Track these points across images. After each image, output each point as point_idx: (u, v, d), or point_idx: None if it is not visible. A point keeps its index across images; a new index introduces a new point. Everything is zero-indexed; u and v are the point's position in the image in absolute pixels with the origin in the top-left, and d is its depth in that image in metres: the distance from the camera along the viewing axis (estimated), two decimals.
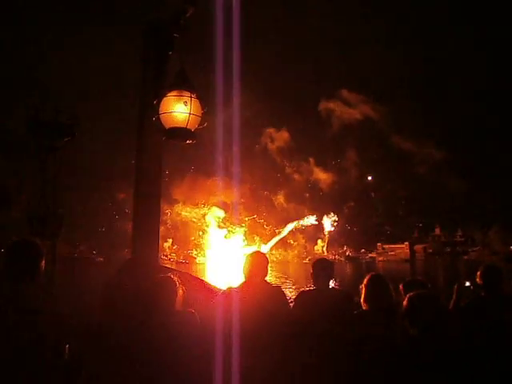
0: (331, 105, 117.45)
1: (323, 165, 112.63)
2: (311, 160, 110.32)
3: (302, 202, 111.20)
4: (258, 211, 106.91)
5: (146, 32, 4.01)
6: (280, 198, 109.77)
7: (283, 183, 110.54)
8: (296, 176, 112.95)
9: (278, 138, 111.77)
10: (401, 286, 3.72)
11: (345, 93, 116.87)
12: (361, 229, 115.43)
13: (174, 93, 3.42)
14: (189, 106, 3.39)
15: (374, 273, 3.50)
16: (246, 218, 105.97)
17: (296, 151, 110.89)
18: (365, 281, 3.38)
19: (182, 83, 3.45)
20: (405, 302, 2.89)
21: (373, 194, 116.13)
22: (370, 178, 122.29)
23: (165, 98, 3.43)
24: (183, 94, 3.41)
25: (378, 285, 3.33)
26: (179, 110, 3.40)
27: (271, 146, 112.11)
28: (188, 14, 3.73)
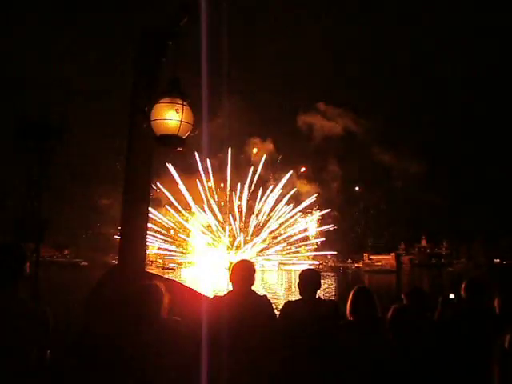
0: (308, 118, 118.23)
1: (306, 177, 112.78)
2: (293, 172, 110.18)
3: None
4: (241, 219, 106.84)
5: (139, 38, 4.02)
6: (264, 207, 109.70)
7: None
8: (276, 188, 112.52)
9: (263, 148, 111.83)
10: (403, 295, 3.76)
11: (322, 106, 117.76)
12: (346, 239, 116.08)
13: (165, 100, 3.43)
14: (180, 114, 3.40)
15: (360, 285, 3.53)
16: (229, 227, 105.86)
17: (280, 162, 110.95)
18: (351, 292, 3.41)
19: (174, 90, 3.46)
20: (389, 314, 2.92)
21: (361, 205, 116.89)
22: (357, 188, 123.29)
23: (156, 105, 3.43)
24: (175, 102, 3.41)
25: (363, 296, 3.35)
26: (171, 117, 3.40)
27: (255, 157, 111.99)
28: (182, 22, 3.75)
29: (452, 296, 3.89)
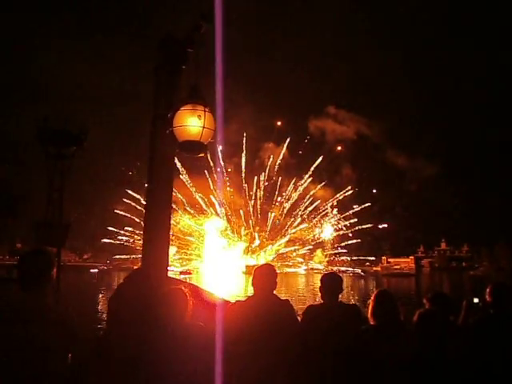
0: (320, 123, 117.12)
1: (320, 181, 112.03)
2: (306, 177, 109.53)
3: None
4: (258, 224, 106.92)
5: (160, 45, 4.08)
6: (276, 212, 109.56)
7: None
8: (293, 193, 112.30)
9: (278, 153, 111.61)
10: (425, 300, 3.72)
11: (332, 109, 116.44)
12: (365, 242, 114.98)
13: (187, 106, 3.48)
14: (202, 120, 3.44)
15: (381, 288, 3.51)
16: (245, 231, 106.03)
17: (294, 167, 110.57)
18: (372, 296, 3.39)
19: (196, 97, 3.50)
20: (415, 318, 2.90)
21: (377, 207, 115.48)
22: (374, 191, 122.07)
23: (178, 112, 3.48)
24: (197, 108, 3.46)
25: (385, 300, 3.33)
26: (193, 123, 3.45)
27: (269, 162, 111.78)
28: (202, 30, 3.80)
29: (476, 300, 3.83)
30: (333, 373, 3.26)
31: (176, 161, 4.33)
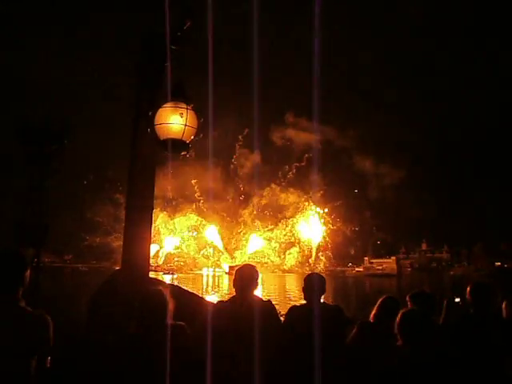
0: (280, 131, 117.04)
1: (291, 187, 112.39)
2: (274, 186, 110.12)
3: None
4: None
5: (142, 43, 4.02)
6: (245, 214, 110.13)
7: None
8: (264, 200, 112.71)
9: (251, 159, 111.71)
10: (407, 298, 3.76)
11: (291, 118, 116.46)
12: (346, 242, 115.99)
13: (170, 104, 3.43)
14: (184, 118, 3.40)
15: (386, 295, 3.69)
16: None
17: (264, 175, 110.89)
18: (379, 301, 3.64)
19: (179, 95, 3.45)
20: (397, 319, 2.90)
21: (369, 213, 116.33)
22: (356, 190, 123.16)
23: (160, 109, 3.43)
24: (179, 106, 3.41)
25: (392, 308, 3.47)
26: (175, 121, 3.40)
27: (242, 169, 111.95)
28: (185, 27, 3.75)
29: (457, 300, 3.86)
30: (315, 374, 3.25)
31: None
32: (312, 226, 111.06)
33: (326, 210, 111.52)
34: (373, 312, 3.66)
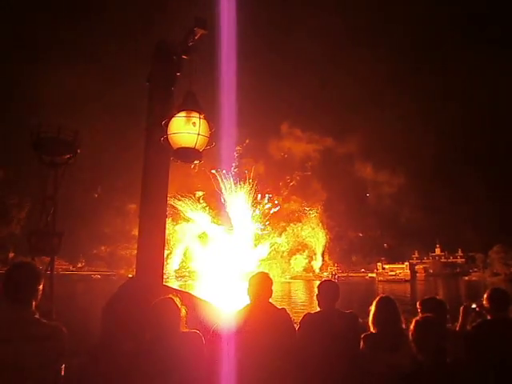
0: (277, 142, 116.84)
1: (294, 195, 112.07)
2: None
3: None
4: None
5: (155, 53, 4.07)
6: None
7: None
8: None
9: (256, 169, 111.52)
10: (418, 304, 3.69)
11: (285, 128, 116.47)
12: (359, 248, 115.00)
13: (182, 113, 3.45)
14: (197, 127, 3.42)
15: (383, 295, 3.48)
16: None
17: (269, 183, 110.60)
18: (374, 303, 3.36)
19: (191, 104, 3.48)
20: (411, 326, 2.86)
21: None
22: (367, 194, 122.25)
23: (173, 119, 3.46)
24: (192, 115, 3.44)
25: (387, 307, 3.30)
26: (188, 130, 3.42)
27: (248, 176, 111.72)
28: (197, 37, 3.79)
29: (474, 306, 3.80)
30: (332, 381, 3.22)
31: None
32: (317, 232, 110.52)
33: (330, 216, 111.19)
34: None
